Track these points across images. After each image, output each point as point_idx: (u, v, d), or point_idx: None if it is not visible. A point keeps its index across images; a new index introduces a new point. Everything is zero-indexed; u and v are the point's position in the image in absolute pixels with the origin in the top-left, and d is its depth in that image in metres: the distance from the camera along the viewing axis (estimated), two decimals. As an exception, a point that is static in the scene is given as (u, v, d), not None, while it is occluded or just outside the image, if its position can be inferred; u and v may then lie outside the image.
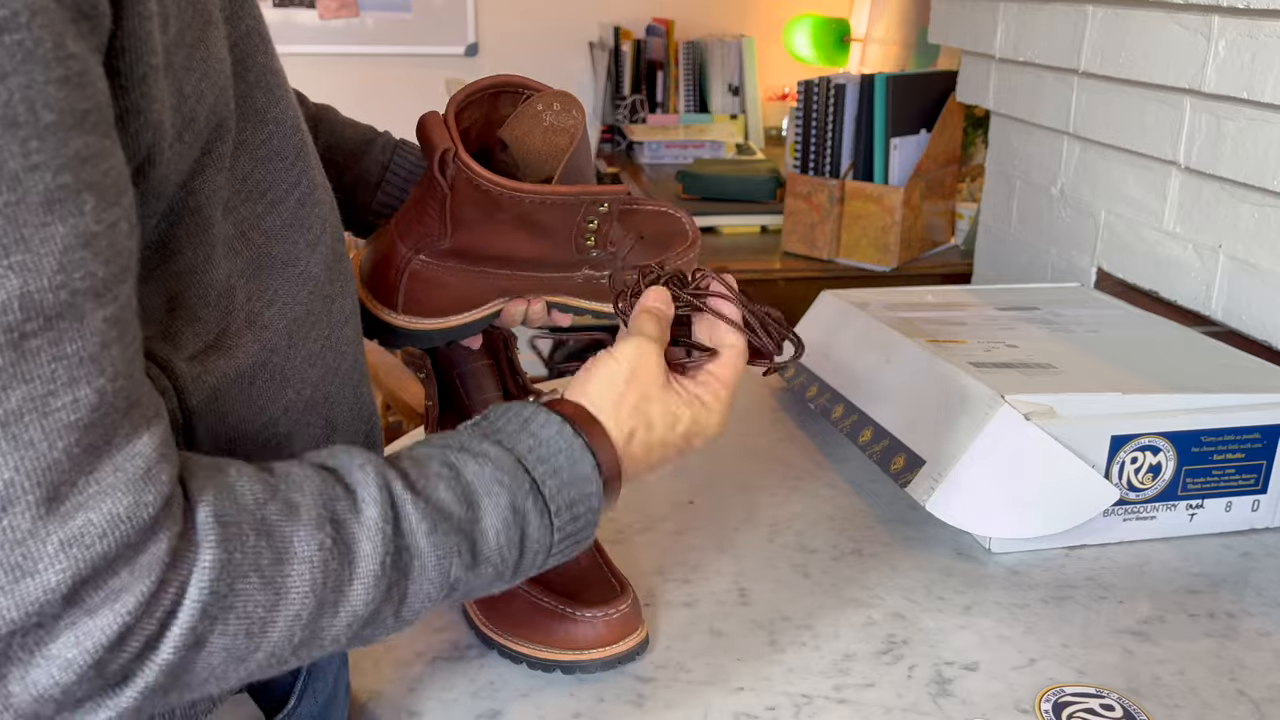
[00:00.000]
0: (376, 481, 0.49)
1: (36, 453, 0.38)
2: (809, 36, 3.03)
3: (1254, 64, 1.12)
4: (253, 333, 0.53)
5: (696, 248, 0.83)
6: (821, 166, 1.98)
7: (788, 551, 0.93)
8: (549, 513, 0.55)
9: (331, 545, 0.46)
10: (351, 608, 0.48)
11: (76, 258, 0.39)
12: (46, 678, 0.40)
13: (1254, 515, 0.97)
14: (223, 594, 0.43)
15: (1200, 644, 0.80)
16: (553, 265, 0.78)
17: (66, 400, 0.39)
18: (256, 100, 0.54)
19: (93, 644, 0.40)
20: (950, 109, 1.95)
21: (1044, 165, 1.61)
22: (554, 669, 0.75)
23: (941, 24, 1.84)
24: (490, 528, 0.53)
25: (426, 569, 0.50)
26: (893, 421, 1.01)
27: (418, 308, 0.76)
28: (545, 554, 0.56)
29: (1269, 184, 1.13)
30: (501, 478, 0.54)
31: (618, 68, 3.05)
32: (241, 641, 0.44)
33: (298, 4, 3.02)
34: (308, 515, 0.46)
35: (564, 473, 0.56)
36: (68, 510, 0.39)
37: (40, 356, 0.38)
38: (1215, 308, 1.25)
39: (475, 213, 0.72)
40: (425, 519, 0.50)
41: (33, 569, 0.39)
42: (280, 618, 0.45)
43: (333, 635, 0.48)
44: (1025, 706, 0.73)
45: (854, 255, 1.97)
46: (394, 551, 0.49)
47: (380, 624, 0.50)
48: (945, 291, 1.31)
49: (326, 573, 0.46)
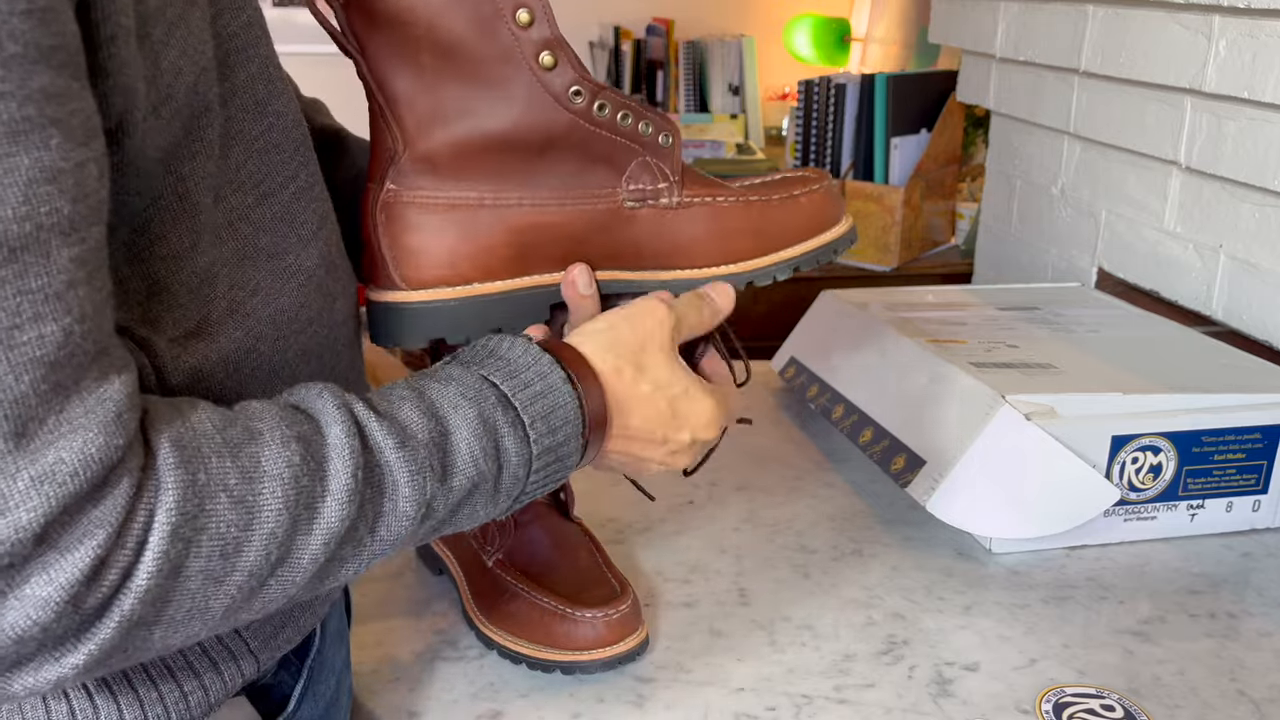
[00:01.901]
0: (335, 403, 0.49)
1: (3, 385, 0.38)
2: (809, 36, 3.03)
3: (1254, 64, 1.12)
4: (235, 321, 0.53)
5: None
6: (821, 166, 1.98)
7: (788, 551, 0.93)
8: (522, 424, 0.55)
9: (300, 462, 0.46)
10: (326, 524, 0.47)
11: (41, 191, 0.38)
12: (23, 619, 0.39)
13: (1255, 515, 0.97)
14: (192, 514, 0.43)
15: (1201, 644, 0.80)
16: (563, 168, 0.65)
17: (32, 335, 0.39)
18: (258, 92, 0.54)
19: (66, 579, 0.39)
20: (950, 109, 1.95)
21: (1044, 165, 1.61)
22: (554, 669, 0.75)
23: (942, 24, 1.84)
24: (461, 441, 0.52)
25: (399, 484, 0.50)
26: (893, 421, 1.00)
27: (418, 267, 0.65)
28: (527, 468, 0.55)
29: (1269, 184, 1.13)
30: (466, 393, 0.54)
31: (618, 67, 3.05)
32: (217, 563, 0.44)
33: (298, 4, 3.02)
34: (271, 436, 0.46)
35: (534, 385, 0.56)
36: (37, 447, 0.39)
37: (5, 289, 0.38)
38: (1216, 308, 1.25)
39: (390, 60, 0.62)
40: (391, 435, 0.50)
41: (3, 506, 0.38)
42: (255, 536, 0.45)
43: (310, 555, 0.47)
44: (1026, 707, 0.73)
45: (854, 255, 1.97)
46: (364, 466, 0.48)
47: (358, 544, 0.49)
48: (945, 291, 1.30)
49: (298, 489, 0.46)
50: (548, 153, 0.64)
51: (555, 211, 0.65)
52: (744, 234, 0.69)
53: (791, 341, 1.27)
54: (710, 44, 3.03)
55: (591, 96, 0.64)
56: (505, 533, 0.81)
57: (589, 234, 0.66)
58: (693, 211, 0.68)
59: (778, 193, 0.70)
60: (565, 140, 0.64)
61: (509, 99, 0.62)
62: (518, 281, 0.66)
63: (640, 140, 0.66)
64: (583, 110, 0.64)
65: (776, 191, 0.70)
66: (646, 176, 0.67)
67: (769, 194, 0.70)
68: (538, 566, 0.79)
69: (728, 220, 0.68)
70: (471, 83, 0.62)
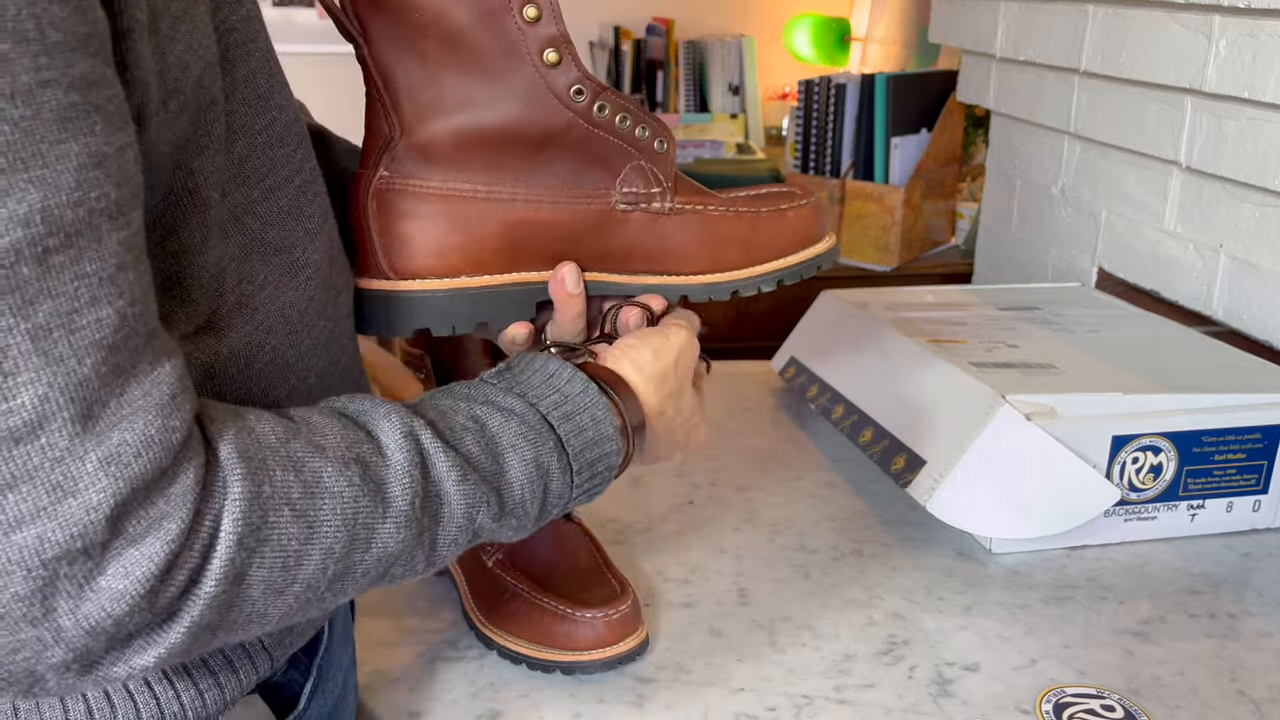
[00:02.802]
0: (402, 429, 0.50)
1: (67, 369, 0.39)
2: (809, 36, 3.03)
3: (1255, 64, 1.12)
4: (243, 316, 0.53)
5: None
6: (822, 166, 1.98)
7: (788, 551, 0.93)
8: (571, 470, 0.57)
9: (360, 483, 0.47)
10: (383, 545, 0.49)
11: (91, 176, 0.39)
12: (98, 610, 0.40)
13: (1255, 515, 0.97)
14: (256, 525, 0.43)
15: (1201, 644, 0.80)
16: (559, 166, 0.65)
17: (90, 319, 0.39)
18: (259, 85, 0.54)
19: (142, 573, 0.40)
20: (951, 109, 1.95)
21: (1044, 165, 1.61)
22: (554, 669, 0.75)
23: (942, 23, 1.84)
24: (515, 481, 0.54)
25: (455, 516, 0.51)
26: (893, 421, 1.00)
27: (407, 256, 0.64)
28: (561, 507, 0.58)
29: (1270, 184, 1.13)
30: (527, 433, 0.55)
31: (618, 67, 3.05)
32: (279, 574, 0.45)
33: (298, 3, 3.02)
34: (334, 453, 0.47)
35: (588, 431, 0.58)
36: (102, 429, 0.39)
37: (63, 273, 0.39)
38: (1216, 308, 1.25)
39: (392, 46, 0.61)
40: (454, 468, 0.51)
41: (73, 488, 0.39)
42: (314, 550, 0.46)
43: (363, 570, 0.49)
44: (1026, 707, 0.73)
45: (854, 255, 1.97)
46: (423, 495, 0.50)
47: (410, 565, 0.51)
48: (945, 291, 1.30)
49: (358, 508, 0.47)
50: (545, 149, 0.64)
51: (548, 209, 0.65)
52: (732, 244, 0.69)
53: (791, 341, 1.27)
54: (710, 44, 3.03)
55: (593, 96, 0.64)
56: (505, 533, 0.81)
57: (580, 233, 0.67)
58: (683, 218, 0.68)
59: (766, 206, 0.71)
60: (563, 138, 0.64)
61: (510, 93, 0.62)
62: (506, 276, 0.66)
63: (637, 144, 0.66)
64: (583, 110, 0.64)
65: (765, 205, 0.71)
66: (640, 180, 0.67)
67: (758, 206, 0.71)
68: (538, 567, 0.79)
69: (717, 229, 0.69)
70: (473, 74, 0.62)
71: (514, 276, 0.66)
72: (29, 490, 0.38)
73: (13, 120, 0.37)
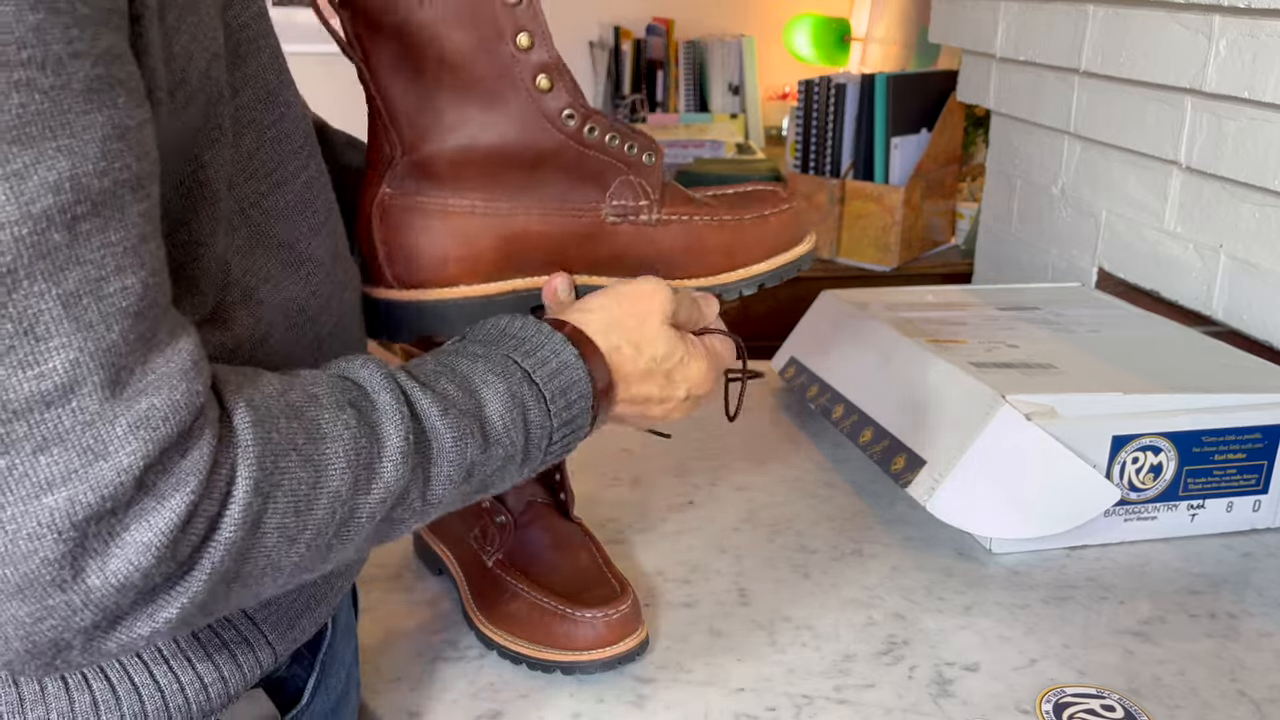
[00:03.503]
0: (381, 373, 0.52)
1: (97, 334, 0.40)
2: (809, 36, 3.03)
3: (1255, 64, 1.12)
4: (247, 309, 0.54)
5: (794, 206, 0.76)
6: (822, 166, 1.98)
7: (788, 551, 0.93)
8: (544, 398, 0.58)
9: (356, 425, 0.49)
10: (385, 483, 0.49)
11: (115, 148, 0.40)
12: (125, 565, 0.40)
13: (1255, 515, 0.97)
14: (269, 470, 0.45)
15: (1201, 644, 0.80)
16: (552, 184, 0.68)
17: (117, 286, 0.40)
18: (268, 81, 0.55)
19: (165, 524, 0.41)
20: (951, 108, 1.95)
21: (1044, 165, 1.61)
22: (554, 669, 0.75)
23: (942, 23, 1.84)
24: (494, 412, 0.55)
25: (445, 449, 0.52)
26: (893, 421, 1.00)
27: (410, 267, 0.68)
28: (548, 439, 0.59)
29: (1270, 184, 1.13)
30: (494, 368, 0.57)
31: (618, 67, 3.05)
32: (291, 520, 0.46)
33: (298, 3, 3.02)
34: (328, 400, 0.49)
35: (550, 362, 0.59)
36: (131, 394, 0.40)
37: (92, 241, 0.39)
38: (1216, 308, 1.25)
39: (392, 69, 0.64)
40: (435, 403, 0.53)
41: (104, 451, 0.40)
42: (323, 494, 0.47)
43: (368, 513, 0.49)
44: (1026, 707, 0.73)
45: (854, 255, 1.97)
46: (415, 431, 0.51)
47: (409, 506, 0.52)
48: (945, 291, 1.30)
49: (358, 449, 0.48)
50: (539, 169, 0.67)
51: (541, 222, 0.68)
52: (717, 251, 0.72)
53: (791, 341, 1.27)
54: (710, 44, 3.03)
55: (583, 120, 0.67)
56: (505, 533, 0.81)
57: (572, 244, 0.70)
58: (671, 228, 0.71)
59: (750, 212, 0.73)
60: (556, 159, 0.67)
61: (505, 117, 0.65)
62: (503, 285, 0.69)
63: (625, 159, 0.69)
64: (573, 132, 0.67)
65: (749, 211, 0.73)
66: (629, 194, 0.69)
67: (741, 213, 0.73)
68: (538, 566, 0.79)
69: (703, 238, 0.71)
70: (470, 97, 0.65)
71: (510, 284, 0.70)
72: (60, 453, 0.39)
73: (43, 89, 0.38)
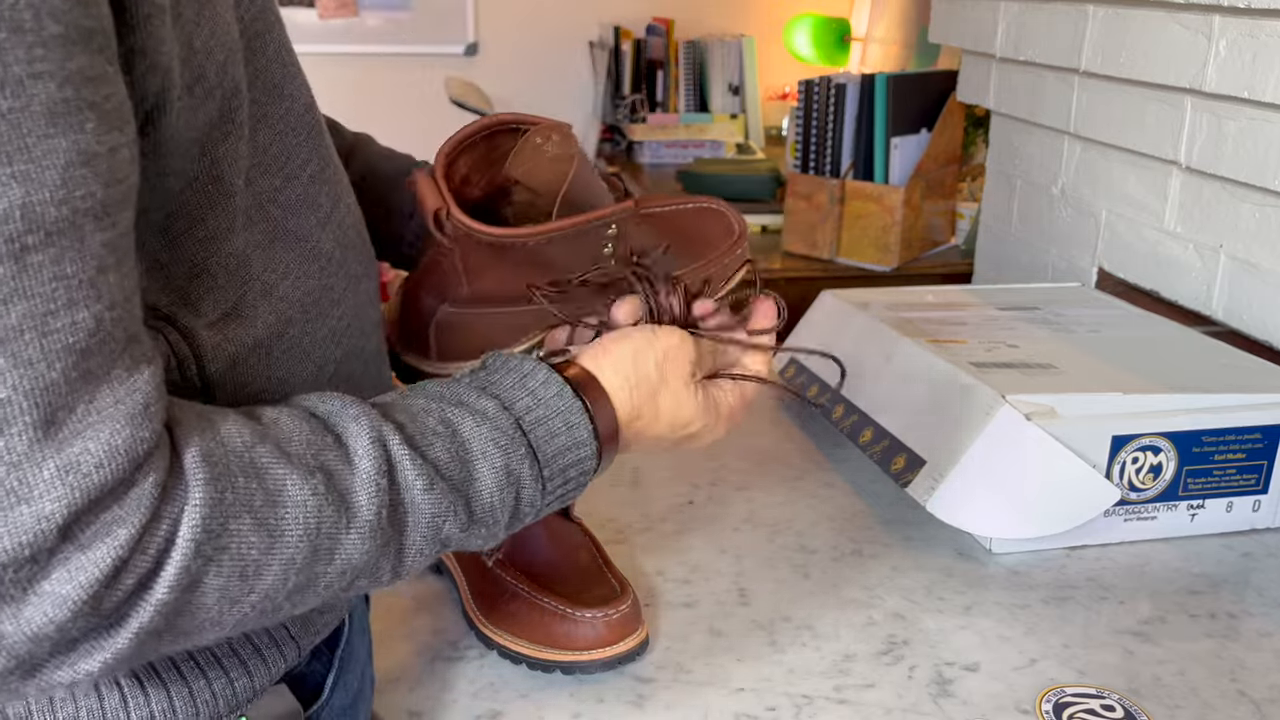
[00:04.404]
0: (370, 435, 0.49)
1: (35, 372, 0.38)
2: (809, 36, 3.03)
3: (1255, 64, 1.12)
4: (269, 304, 0.53)
5: (743, 245, 0.79)
6: (822, 166, 1.98)
7: (788, 551, 0.93)
8: (543, 478, 0.56)
9: (325, 491, 0.46)
10: (346, 556, 0.47)
11: (78, 174, 0.38)
12: (41, 615, 0.39)
13: (1255, 515, 0.97)
14: (216, 533, 0.42)
15: (1201, 644, 0.80)
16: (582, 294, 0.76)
17: (66, 321, 0.38)
18: (274, 75, 0.55)
19: (87, 579, 0.39)
20: (951, 109, 1.95)
21: (1044, 165, 1.61)
22: (554, 669, 0.75)
23: (942, 23, 1.84)
24: (485, 489, 0.53)
25: (420, 525, 0.50)
26: (893, 421, 1.00)
27: (453, 353, 0.76)
28: (534, 514, 0.57)
29: (1270, 184, 1.13)
30: (498, 439, 0.54)
31: (618, 67, 3.05)
32: (236, 584, 0.44)
33: (298, 3, 3.02)
34: (300, 460, 0.46)
35: (560, 437, 0.56)
36: (65, 436, 0.38)
37: (42, 273, 0.38)
38: (1216, 308, 1.25)
39: (485, 259, 0.71)
40: (421, 476, 0.50)
41: (28, 495, 0.38)
42: (275, 561, 0.45)
43: (326, 583, 0.47)
44: (1026, 707, 0.73)
45: (854, 255, 1.97)
46: (389, 505, 0.49)
47: (375, 576, 0.50)
48: (946, 291, 1.30)
49: (321, 518, 0.46)
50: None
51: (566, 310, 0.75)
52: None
53: (791, 341, 1.27)
54: (710, 44, 3.03)
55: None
56: (505, 533, 0.81)
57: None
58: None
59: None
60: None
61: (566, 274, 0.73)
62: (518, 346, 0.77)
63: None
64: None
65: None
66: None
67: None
68: (538, 566, 0.79)
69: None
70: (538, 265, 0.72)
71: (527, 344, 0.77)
72: None
73: (0, 112, 0.36)
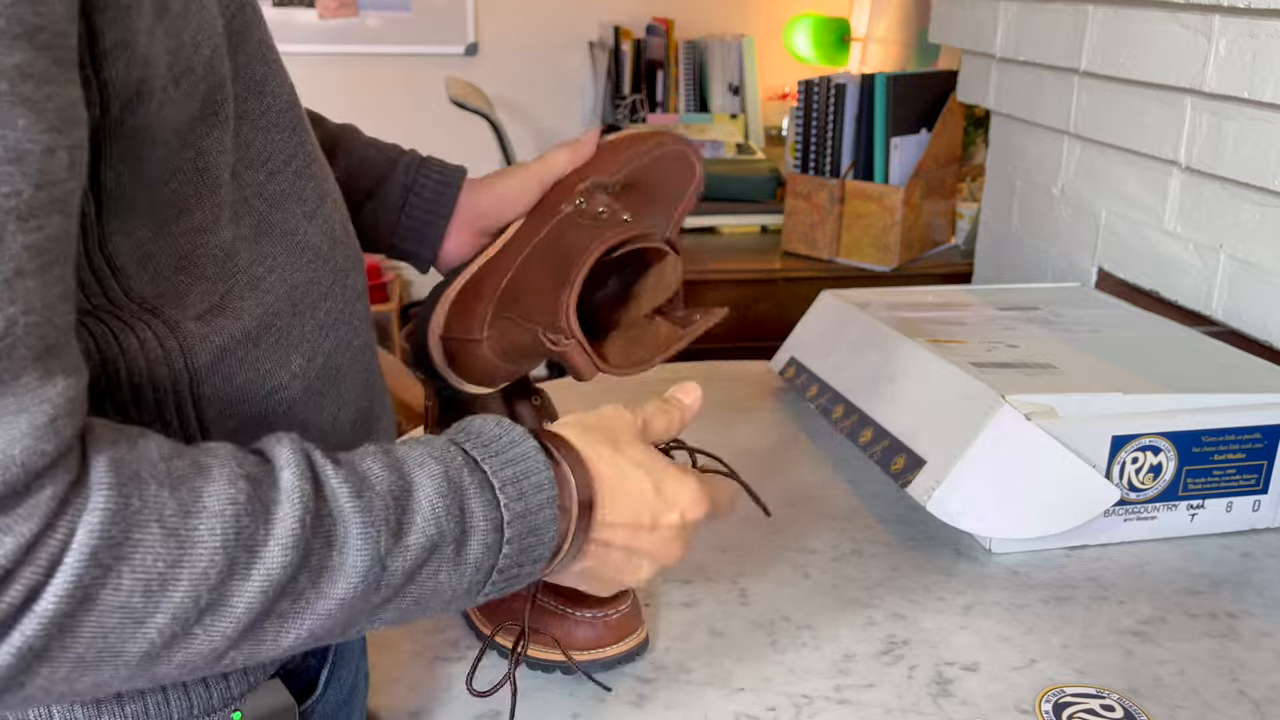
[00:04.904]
0: (292, 448, 0.47)
1: None
2: (809, 36, 3.03)
3: (1255, 64, 1.12)
4: (255, 296, 0.54)
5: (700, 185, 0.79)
6: (822, 166, 1.98)
7: (788, 551, 0.93)
8: (491, 486, 0.51)
9: (245, 501, 0.43)
10: (266, 569, 0.43)
11: (3, 171, 0.36)
12: None
13: (1255, 515, 0.97)
14: (116, 541, 0.39)
15: (1201, 644, 0.80)
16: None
17: None
18: (256, 71, 0.56)
19: None
20: (950, 109, 1.95)
21: (1044, 165, 1.61)
22: (554, 669, 0.75)
23: (942, 24, 1.84)
24: (423, 496, 0.49)
25: (350, 536, 0.46)
26: (893, 421, 1.00)
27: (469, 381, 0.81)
28: (499, 534, 0.51)
29: (1270, 184, 1.13)
30: (433, 453, 0.51)
31: (618, 67, 3.05)
32: (138, 600, 0.40)
33: (298, 4, 3.02)
34: (219, 472, 0.43)
35: (505, 452, 0.52)
36: None
37: None
38: (1216, 308, 1.25)
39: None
40: (347, 483, 0.47)
41: None
42: (184, 575, 0.41)
43: (245, 603, 0.43)
44: (1025, 707, 0.73)
45: (854, 255, 1.97)
46: (314, 514, 0.45)
47: (299, 598, 0.45)
48: (946, 291, 1.30)
49: (239, 528, 0.43)
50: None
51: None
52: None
53: (791, 341, 1.27)
54: (710, 44, 3.03)
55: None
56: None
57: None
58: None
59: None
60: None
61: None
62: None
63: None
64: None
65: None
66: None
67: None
68: (538, 566, 0.79)
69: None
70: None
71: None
72: None
73: None
